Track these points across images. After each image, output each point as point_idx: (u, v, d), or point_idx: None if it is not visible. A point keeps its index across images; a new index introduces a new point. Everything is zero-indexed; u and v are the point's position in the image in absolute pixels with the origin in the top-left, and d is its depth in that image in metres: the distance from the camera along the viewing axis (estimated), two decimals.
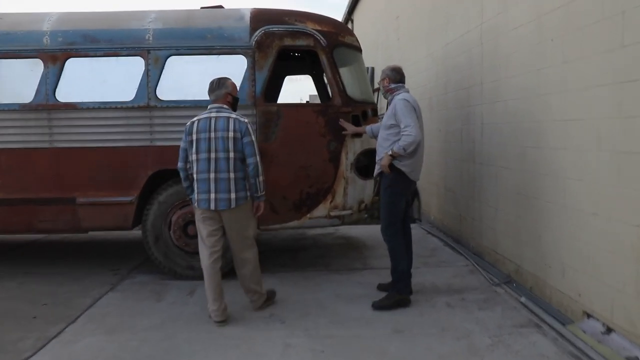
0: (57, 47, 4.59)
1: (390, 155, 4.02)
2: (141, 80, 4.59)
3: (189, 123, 3.66)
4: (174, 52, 4.60)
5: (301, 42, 4.70)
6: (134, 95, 4.59)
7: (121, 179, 4.64)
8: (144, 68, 4.59)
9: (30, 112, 4.60)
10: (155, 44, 4.59)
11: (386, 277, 4.45)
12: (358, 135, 4.81)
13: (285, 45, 4.67)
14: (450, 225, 6.46)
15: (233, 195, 3.60)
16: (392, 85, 4.24)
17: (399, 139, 4.00)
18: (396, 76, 4.26)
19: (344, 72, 4.99)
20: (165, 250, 4.77)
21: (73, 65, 4.61)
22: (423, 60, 7.67)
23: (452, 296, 4.32)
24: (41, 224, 4.74)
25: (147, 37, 4.61)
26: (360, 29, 15.26)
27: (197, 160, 3.61)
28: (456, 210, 6.21)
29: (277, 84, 7.06)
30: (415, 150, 4.08)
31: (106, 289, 4.58)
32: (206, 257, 3.70)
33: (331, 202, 4.84)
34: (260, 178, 3.68)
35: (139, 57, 4.59)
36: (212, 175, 3.58)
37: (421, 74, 7.75)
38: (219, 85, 3.73)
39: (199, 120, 3.63)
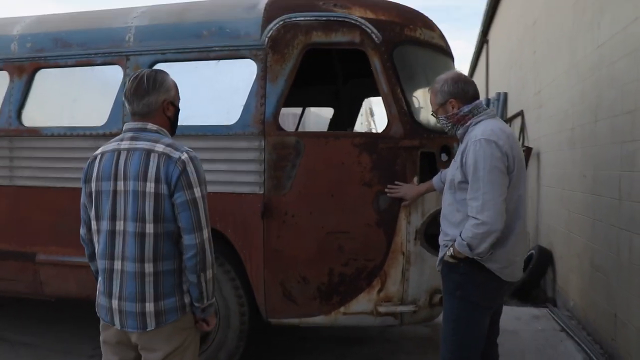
0: (25, 56, 3.51)
1: (452, 256, 2.29)
2: (116, 98, 3.29)
3: (89, 159, 1.98)
4: (159, 58, 3.23)
5: (340, 37, 3.02)
6: (106, 119, 3.30)
7: None
8: (121, 80, 3.29)
9: None
10: (137, 47, 3.27)
11: None
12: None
13: (314, 42, 3.02)
14: (598, 325, 4.13)
15: (150, 307, 1.84)
16: (466, 109, 2.35)
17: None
18: (467, 90, 2.38)
19: (412, 85, 3.20)
20: None
21: (42, 79, 3.50)
22: (563, 76, 5.44)
23: None
24: (0, 283, 3.64)
25: (127, 39, 3.31)
26: (495, 49, 12.97)
27: (98, 232, 1.93)
28: (608, 304, 3.90)
29: (353, 108, 5.42)
30: (509, 231, 2.24)
31: None
32: None
33: (380, 290, 3.00)
34: (208, 274, 1.88)
35: (116, 66, 3.31)
36: (115, 265, 1.87)
37: (561, 95, 5.52)
38: (153, 86, 1.90)
39: (102, 154, 1.93)
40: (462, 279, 2.28)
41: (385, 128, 3.00)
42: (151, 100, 1.90)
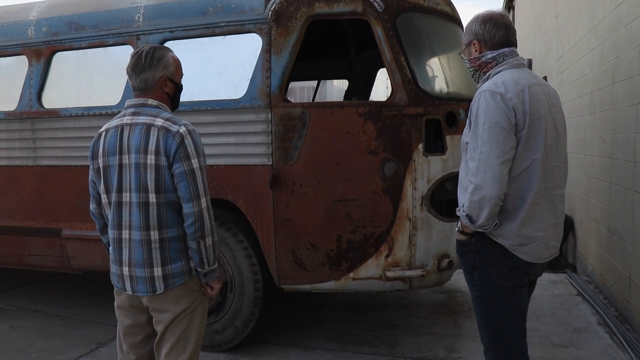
0: (41, 40, 3.64)
1: (461, 231, 2.07)
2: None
3: (95, 137, 2.05)
4: (168, 36, 3.31)
5: (343, 7, 3.04)
6: (119, 99, 3.42)
7: None
8: None
9: (15, 122, 3.73)
10: (146, 27, 3.36)
11: None
12: (436, 151, 2.99)
13: (317, 13, 3.06)
14: (614, 288, 4.12)
15: (158, 272, 1.95)
16: (489, 56, 2.05)
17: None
18: (494, 34, 2.05)
19: (417, 52, 3.20)
20: None
21: (59, 62, 3.63)
22: (583, 40, 5.30)
23: None
24: (31, 259, 3.86)
25: (136, 18, 3.40)
26: (521, 15, 12.60)
27: (108, 204, 2.01)
28: (623, 267, 3.88)
29: (367, 79, 5.43)
30: (521, 202, 1.96)
31: (84, 351, 3.49)
32: None
33: (388, 256, 3.08)
34: (208, 241, 1.96)
35: (127, 46, 3.41)
36: (123, 234, 1.97)
37: (582, 59, 5.39)
38: (150, 62, 1.95)
39: (107, 131, 2.00)
40: (476, 257, 2.03)
41: (390, 96, 3.03)
42: (148, 76, 1.96)
